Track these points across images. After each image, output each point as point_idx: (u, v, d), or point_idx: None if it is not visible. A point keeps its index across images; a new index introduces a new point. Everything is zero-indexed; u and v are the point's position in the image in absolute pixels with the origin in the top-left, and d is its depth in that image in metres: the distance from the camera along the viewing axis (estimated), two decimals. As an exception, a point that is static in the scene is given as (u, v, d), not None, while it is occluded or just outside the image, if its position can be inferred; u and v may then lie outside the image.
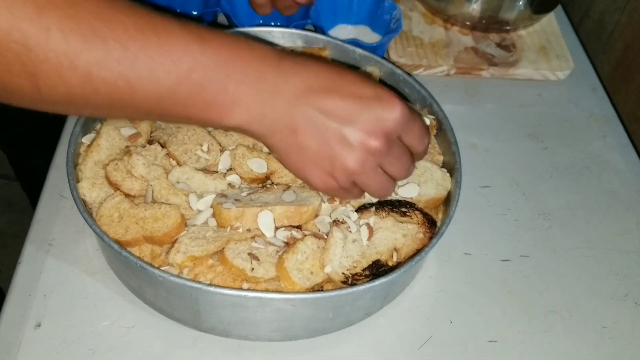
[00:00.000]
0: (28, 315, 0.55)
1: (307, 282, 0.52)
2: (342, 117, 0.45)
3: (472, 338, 0.58)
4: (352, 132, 0.45)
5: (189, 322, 0.55)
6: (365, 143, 0.46)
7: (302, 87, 0.45)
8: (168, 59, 0.40)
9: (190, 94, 0.42)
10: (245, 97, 0.43)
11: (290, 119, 0.45)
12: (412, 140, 0.50)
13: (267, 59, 0.44)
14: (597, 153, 0.76)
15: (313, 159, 0.47)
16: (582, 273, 0.64)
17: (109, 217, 0.54)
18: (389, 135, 0.46)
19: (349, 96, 0.45)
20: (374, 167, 0.48)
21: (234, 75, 0.42)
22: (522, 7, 0.82)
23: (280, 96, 0.44)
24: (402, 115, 0.46)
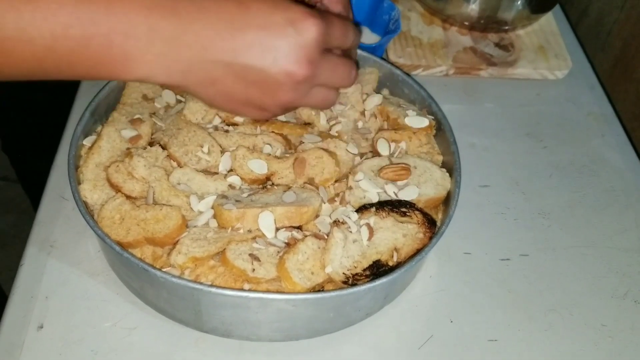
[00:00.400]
0: (30, 316, 0.55)
1: (308, 282, 0.52)
2: (259, 56, 0.42)
3: (472, 337, 0.58)
4: (274, 69, 0.43)
5: (191, 322, 0.55)
6: (291, 75, 0.43)
7: (207, 35, 0.41)
8: (38, 16, 0.37)
9: (73, 52, 0.39)
10: (137, 51, 0.40)
11: (204, 71, 0.42)
12: (337, 43, 0.47)
13: (157, 5, 0.40)
14: (596, 152, 0.77)
15: (241, 101, 0.45)
16: (581, 271, 0.64)
17: (110, 219, 0.54)
18: (313, 57, 0.44)
19: (259, 30, 0.42)
20: (307, 91, 0.46)
21: (118, 27, 0.39)
22: (520, 7, 0.82)
23: (184, 47, 0.41)
24: (318, 30, 0.43)
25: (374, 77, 0.70)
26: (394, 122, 0.65)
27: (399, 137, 0.64)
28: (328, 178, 0.59)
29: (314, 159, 0.60)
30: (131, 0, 0.40)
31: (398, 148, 0.63)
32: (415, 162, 0.61)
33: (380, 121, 0.67)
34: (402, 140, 0.64)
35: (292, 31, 0.43)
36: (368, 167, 0.60)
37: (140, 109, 0.63)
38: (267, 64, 0.43)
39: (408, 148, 0.64)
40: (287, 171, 0.59)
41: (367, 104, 0.67)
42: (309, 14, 0.44)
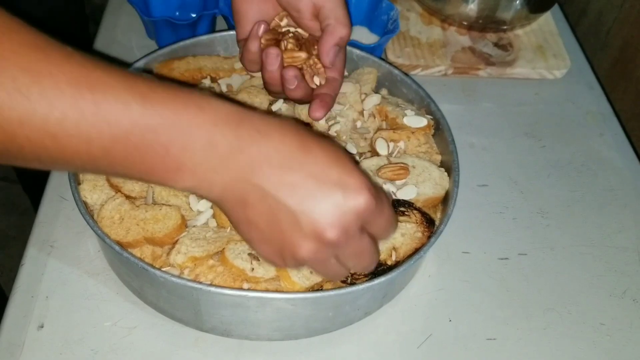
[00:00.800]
0: (31, 316, 0.56)
1: (307, 281, 0.53)
2: (298, 201, 0.40)
3: (471, 336, 0.58)
4: (306, 219, 0.40)
5: (190, 322, 0.55)
6: (319, 234, 0.41)
7: (259, 159, 0.40)
8: (102, 120, 0.36)
9: (128, 155, 0.38)
10: (191, 164, 0.39)
11: (240, 192, 0.41)
12: (376, 231, 0.45)
13: (221, 122, 0.39)
14: (595, 151, 0.77)
15: (262, 237, 0.43)
16: (580, 270, 0.65)
17: (110, 219, 0.54)
18: (348, 228, 0.41)
19: (310, 178, 0.41)
20: (326, 258, 0.43)
21: (178, 139, 0.38)
22: (519, 7, 0.83)
23: (233, 166, 0.40)
24: (366, 207, 0.41)
25: (373, 77, 0.70)
26: (393, 122, 0.66)
27: (397, 137, 0.64)
28: (327, 178, 0.59)
29: (312, 159, 0.60)
30: (200, 113, 0.39)
31: (397, 148, 0.63)
32: (413, 162, 0.61)
33: (378, 121, 0.67)
34: (400, 139, 0.64)
35: (340, 194, 0.41)
36: (367, 166, 0.61)
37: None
38: (301, 211, 0.40)
39: (407, 148, 0.64)
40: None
41: (366, 104, 0.67)
42: (366, 186, 0.42)
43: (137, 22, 0.83)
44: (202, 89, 0.66)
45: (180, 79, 0.66)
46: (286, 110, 0.66)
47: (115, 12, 0.87)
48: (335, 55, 0.59)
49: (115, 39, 0.83)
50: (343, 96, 0.67)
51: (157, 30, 0.79)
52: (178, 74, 0.67)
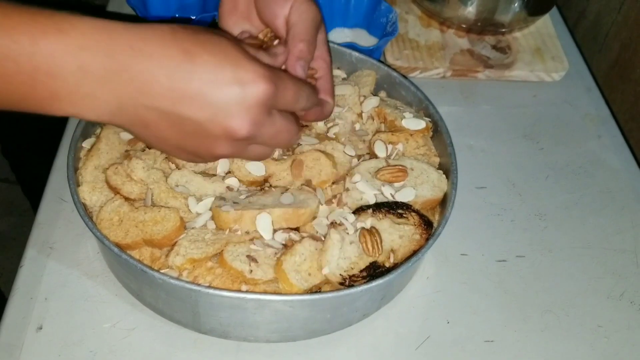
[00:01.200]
0: (30, 318, 0.56)
1: (305, 283, 0.53)
2: (199, 110, 0.40)
3: (469, 338, 0.58)
4: (213, 125, 0.41)
5: (189, 324, 0.55)
6: (230, 134, 0.42)
7: (144, 79, 0.39)
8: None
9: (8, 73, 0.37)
10: (65, 92, 0.38)
11: (135, 114, 0.40)
12: (287, 106, 0.46)
13: (89, 44, 0.38)
14: (593, 153, 0.77)
15: (175, 146, 0.43)
16: (577, 272, 0.65)
17: (109, 221, 0.54)
18: (255, 119, 0.42)
19: (204, 84, 0.40)
20: (244, 148, 0.45)
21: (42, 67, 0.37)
22: (517, 9, 0.83)
23: (115, 89, 0.39)
24: (266, 94, 0.42)
25: (371, 80, 0.70)
26: (391, 124, 0.66)
27: (396, 139, 0.64)
28: (325, 180, 0.60)
29: (311, 161, 0.60)
30: (62, 36, 0.37)
31: (395, 150, 0.64)
32: (412, 164, 0.62)
33: (377, 123, 0.67)
34: (399, 142, 0.64)
35: (238, 90, 0.41)
36: (365, 168, 0.61)
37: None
38: (206, 118, 0.41)
39: (405, 150, 0.64)
40: (285, 173, 0.60)
41: (365, 106, 0.67)
42: (260, 75, 0.42)
43: (137, 24, 0.83)
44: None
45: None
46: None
47: (115, 13, 0.87)
48: (302, 69, 0.54)
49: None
50: (342, 98, 0.67)
51: (157, 33, 0.79)
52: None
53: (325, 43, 0.58)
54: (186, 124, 0.41)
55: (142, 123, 0.41)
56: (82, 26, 0.38)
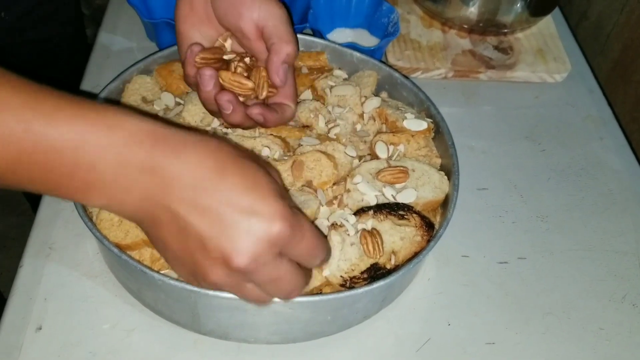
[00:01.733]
0: (29, 318, 0.56)
1: (306, 285, 0.53)
2: (207, 226, 0.39)
3: (470, 340, 0.58)
4: (213, 245, 0.40)
5: (189, 324, 0.55)
6: (226, 261, 0.40)
7: (171, 179, 0.39)
8: (3, 140, 0.36)
9: (33, 174, 0.38)
10: (101, 184, 0.39)
11: (152, 212, 0.40)
12: (298, 257, 0.44)
13: (133, 142, 0.39)
14: (595, 155, 0.77)
15: (176, 257, 0.42)
16: (579, 275, 0.65)
17: (109, 221, 0.54)
18: (259, 256, 0.40)
19: (222, 203, 0.39)
20: (238, 283, 0.42)
21: (85, 160, 0.38)
22: (519, 10, 0.83)
23: (144, 186, 0.39)
24: (279, 235, 0.40)
25: (373, 80, 0.70)
26: (393, 125, 0.65)
27: (397, 140, 0.64)
28: (326, 181, 0.59)
29: (312, 162, 0.60)
30: (110, 134, 0.38)
31: (396, 151, 0.63)
32: (413, 165, 0.61)
33: (378, 124, 0.67)
34: (400, 143, 0.64)
35: (251, 220, 0.39)
36: (366, 169, 0.61)
37: (139, 111, 0.63)
38: (211, 235, 0.40)
39: (406, 151, 0.64)
40: (286, 174, 0.59)
41: (366, 107, 0.67)
42: (280, 214, 0.40)
43: (138, 24, 0.83)
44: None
45: (180, 81, 0.66)
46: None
47: (115, 14, 0.87)
48: (285, 73, 0.56)
49: (115, 41, 0.83)
50: (343, 99, 0.67)
51: (158, 32, 0.79)
52: (178, 75, 0.66)
53: None
54: (191, 235, 0.40)
55: (155, 221, 0.41)
56: (131, 124, 0.39)
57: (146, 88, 0.66)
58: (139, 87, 0.66)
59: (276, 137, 0.63)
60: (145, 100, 0.65)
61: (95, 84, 0.76)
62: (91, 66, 0.79)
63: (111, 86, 0.63)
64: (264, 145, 0.61)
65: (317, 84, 0.69)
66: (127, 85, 0.65)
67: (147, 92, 0.65)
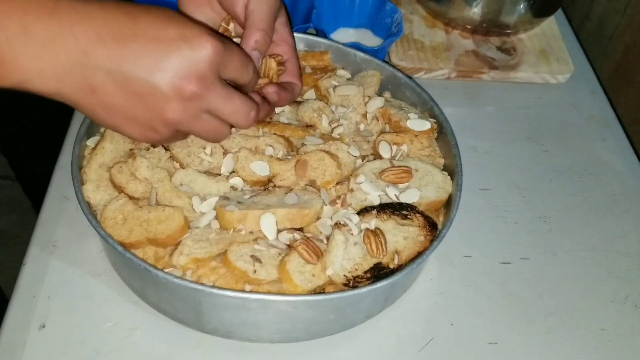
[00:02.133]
0: (32, 316, 0.56)
1: (309, 284, 0.53)
2: (146, 67, 0.40)
3: (472, 340, 0.58)
4: (161, 81, 0.40)
5: (192, 323, 0.55)
6: (179, 90, 0.41)
7: (89, 39, 0.38)
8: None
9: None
10: (9, 55, 0.37)
11: (82, 77, 0.39)
12: (233, 73, 0.45)
13: (33, 7, 0.37)
14: (597, 156, 0.77)
15: (124, 115, 0.42)
16: (581, 275, 0.65)
17: (113, 219, 0.54)
18: (204, 76, 0.41)
19: (149, 41, 0.40)
20: (196, 114, 0.43)
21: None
22: (522, 11, 0.83)
23: (61, 51, 0.38)
24: (215, 53, 0.41)
25: (376, 80, 0.70)
26: (396, 125, 0.66)
27: (400, 140, 0.64)
28: (329, 180, 0.59)
29: (315, 161, 0.60)
30: (6, 1, 0.37)
31: (399, 151, 0.63)
32: (416, 165, 0.61)
33: (382, 124, 0.67)
34: (403, 143, 0.64)
35: (185, 46, 0.40)
36: (369, 169, 0.61)
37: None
38: (154, 75, 0.40)
39: (409, 151, 0.64)
40: (289, 173, 0.60)
41: (369, 107, 0.67)
42: (206, 32, 0.41)
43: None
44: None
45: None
46: (289, 112, 0.66)
47: None
48: (256, 60, 0.53)
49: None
50: (346, 98, 0.67)
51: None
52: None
53: (287, 25, 0.57)
54: (133, 83, 0.40)
55: (89, 87, 0.39)
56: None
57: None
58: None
59: (280, 137, 0.63)
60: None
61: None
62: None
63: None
64: (268, 144, 0.61)
65: (321, 83, 0.69)
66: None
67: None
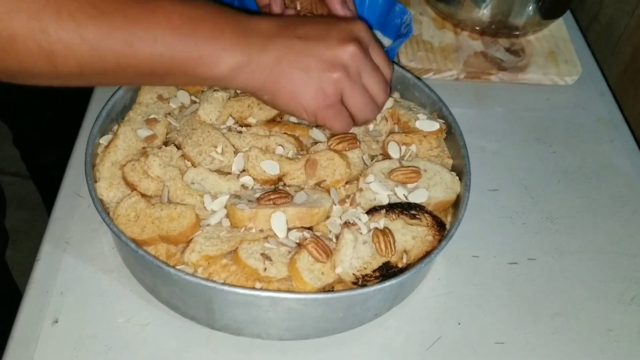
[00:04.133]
0: (45, 311, 0.57)
1: (318, 282, 0.53)
2: (316, 37, 0.52)
3: (479, 339, 0.59)
4: (328, 44, 0.52)
5: (203, 320, 0.56)
6: (343, 47, 0.52)
7: (274, 27, 0.52)
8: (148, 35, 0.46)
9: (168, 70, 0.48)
10: (229, 45, 0.50)
11: (272, 53, 0.51)
12: (378, 59, 0.56)
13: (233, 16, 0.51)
14: (605, 157, 0.77)
15: (302, 77, 0.52)
16: (588, 276, 0.65)
17: (125, 217, 0.55)
18: (361, 40, 0.53)
19: (317, 24, 0.54)
20: (357, 73, 0.54)
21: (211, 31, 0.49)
22: (531, 13, 0.83)
23: (258, 36, 0.51)
24: (366, 29, 0.55)
25: (386, 81, 0.70)
26: (405, 126, 0.66)
27: (409, 140, 0.65)
28: (339, 180, 0.60)
29: (325, 161, 0.60)
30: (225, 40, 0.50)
31: (408, 151, 0.64)
32: (425, 165, 0.62)
33: (391, 124, 0.68)
34: (412, 143, 0.65)
35: (344, 23, 0.55)
36: (378, 169, 0.61)
37: (155, 109, 0.64)
38: (323, 41, 0.52)
39: (418, 151, 0.65)
40: (299, 172, 0.60)
41: (378, 107, 0.67)
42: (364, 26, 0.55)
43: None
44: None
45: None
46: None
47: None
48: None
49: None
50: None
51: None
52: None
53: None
54: (308, 48, 0.52)
55: (276, 59, 0.52)
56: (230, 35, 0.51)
57: (162, 86, 0.66)
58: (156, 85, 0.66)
59: (290, 136, 0.63)
60: (161, 98, 0.66)
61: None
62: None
63: (128, 84, 0.64)
64: (278, 143, 0.62)
65: (331, 83, 0.69)
66: None
67: (163, 90, 0.66)
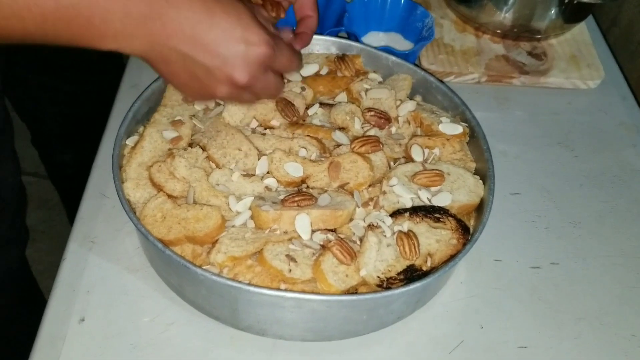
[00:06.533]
0: (72, 310, 0.57)
1: (343, 284, 0.54)
2: (210, 58, 0.51)
3: (502, 343, 0.59)
4: (219, 71, 0.52)
5: (227, 320, 0.56)
6: (230, 80, 0.52)
7: (172, 27, 0.49)
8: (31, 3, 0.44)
9: (57, 29, 0.46)
10: (112, 33, 0.47)
11: (161, 53, 0.50)
12: (281, 68, 0.57)
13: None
14: (627, 161, 0.77)
15: (185, 84, 0.53)
16: (611, 281, 0.65)
17: (152, 217, 0.56)
18: (253, 73, 0.53)
19: (218, 38, 0.51)
20: (238, 94, 0.55)
21: (97, 13, 0.46)
22: (553, 16, 0.83)
23: (149, 32, 0.49)
24: (265, 55, 0.53)
25: (407, 84, 0.71)
26: (428, 129, 0.66)
27: (432, 144, 0.65)
28: (362, 182, 0.60)
29: (348, 163, 0.61)
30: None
31: (431, 154, 0.64)
32: (448, 169, 0.62)
33: (413, 127, 0.68)
34: (435, 146, 0.65)
35: (244, 48, 0.52)
36: (402, 172, 0.61)
37: (180, 110, 0.65)
38: (214, 65, 0.51)
39: (441, 154, 0.65)
40: (322, 174, 0.61)
41: (401, 110, 0.68)
42: (264, 39, 0.52)
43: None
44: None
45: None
46: (322, 114, 0.67)
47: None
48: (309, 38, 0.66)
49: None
50: (378, 102, 0.68)
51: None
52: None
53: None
54: (197, 67, 0.51)
55: (165, 60, 0.51)
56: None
57: (186, 88, 0.67)
58: (180, 87, 0.67)
59: (313, 139, 0.64)
60: (186, 99, 0.66)
61: (135, 82, 0.78)
62: (132, 64, 0.81)
63: (154, 85, 0.65)
64: (301, 146, 0.62)
65: (353, 86, 0.70)
66: (168, 84, 0.67)
67: (188, 92, 0.67)
